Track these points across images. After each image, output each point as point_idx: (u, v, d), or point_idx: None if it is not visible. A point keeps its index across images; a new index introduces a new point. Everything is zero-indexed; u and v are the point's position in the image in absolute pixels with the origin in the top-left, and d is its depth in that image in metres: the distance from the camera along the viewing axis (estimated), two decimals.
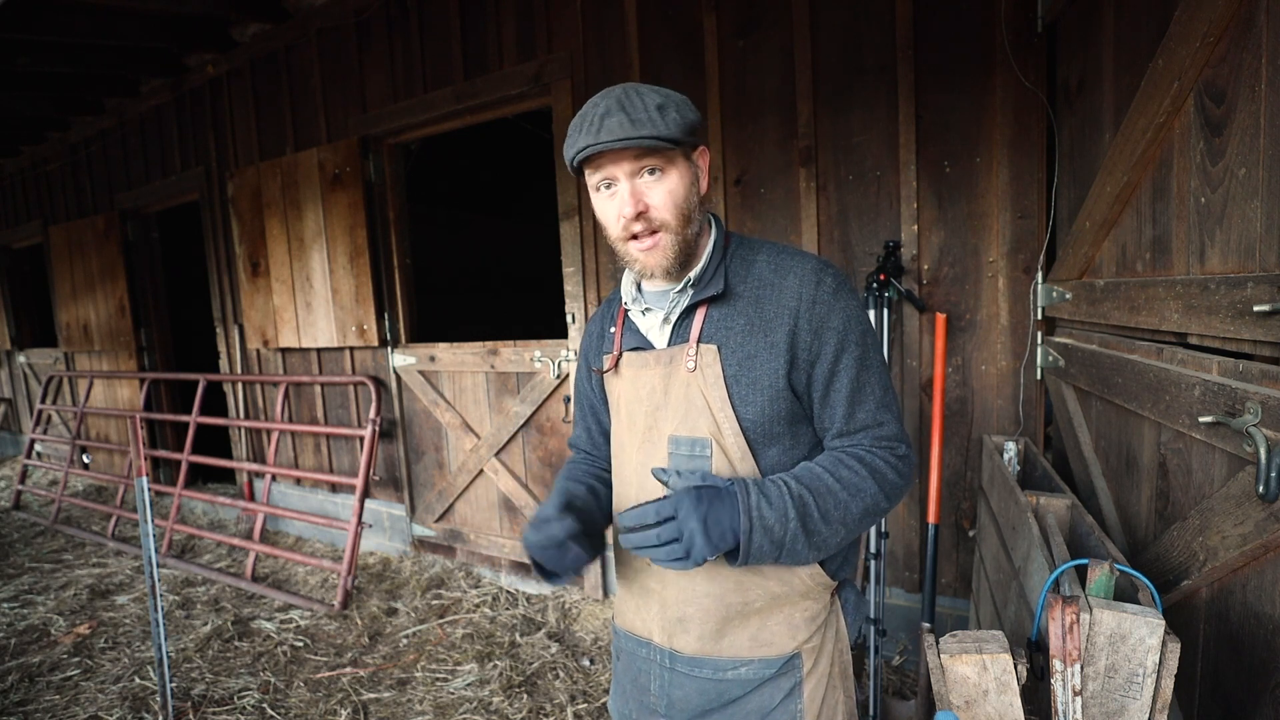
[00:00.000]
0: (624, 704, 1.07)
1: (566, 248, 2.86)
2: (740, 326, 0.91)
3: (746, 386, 0.90)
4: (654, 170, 0.87)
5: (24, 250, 6.27)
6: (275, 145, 3.79)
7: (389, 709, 2.26)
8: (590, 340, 1.14)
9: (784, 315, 0.89)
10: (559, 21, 2.75)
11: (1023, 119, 1.96)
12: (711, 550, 0.79)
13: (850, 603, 1.02)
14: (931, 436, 2.00)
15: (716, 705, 0.94)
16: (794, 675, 0.93)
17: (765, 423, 0.90)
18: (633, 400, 0.99)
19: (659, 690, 0.98)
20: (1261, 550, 0.95)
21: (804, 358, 0.90)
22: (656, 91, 0.87)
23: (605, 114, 0.84)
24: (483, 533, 3.30)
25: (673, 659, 0.96)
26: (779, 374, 0.89)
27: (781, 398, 0.90)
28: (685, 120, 0.87)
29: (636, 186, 0.88)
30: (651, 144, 0.83)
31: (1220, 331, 1.05)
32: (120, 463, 4.99)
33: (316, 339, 3.65)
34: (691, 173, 0.91)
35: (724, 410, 0.90)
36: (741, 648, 0.93)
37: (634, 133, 0.82)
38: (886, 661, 2.25)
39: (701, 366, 0.91)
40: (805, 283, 0.90)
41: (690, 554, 0.79)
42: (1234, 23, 1.01)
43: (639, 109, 0.84)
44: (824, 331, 0.89)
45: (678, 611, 0.94)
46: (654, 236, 0.89)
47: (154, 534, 2.07)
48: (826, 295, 0.90)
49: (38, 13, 3.10)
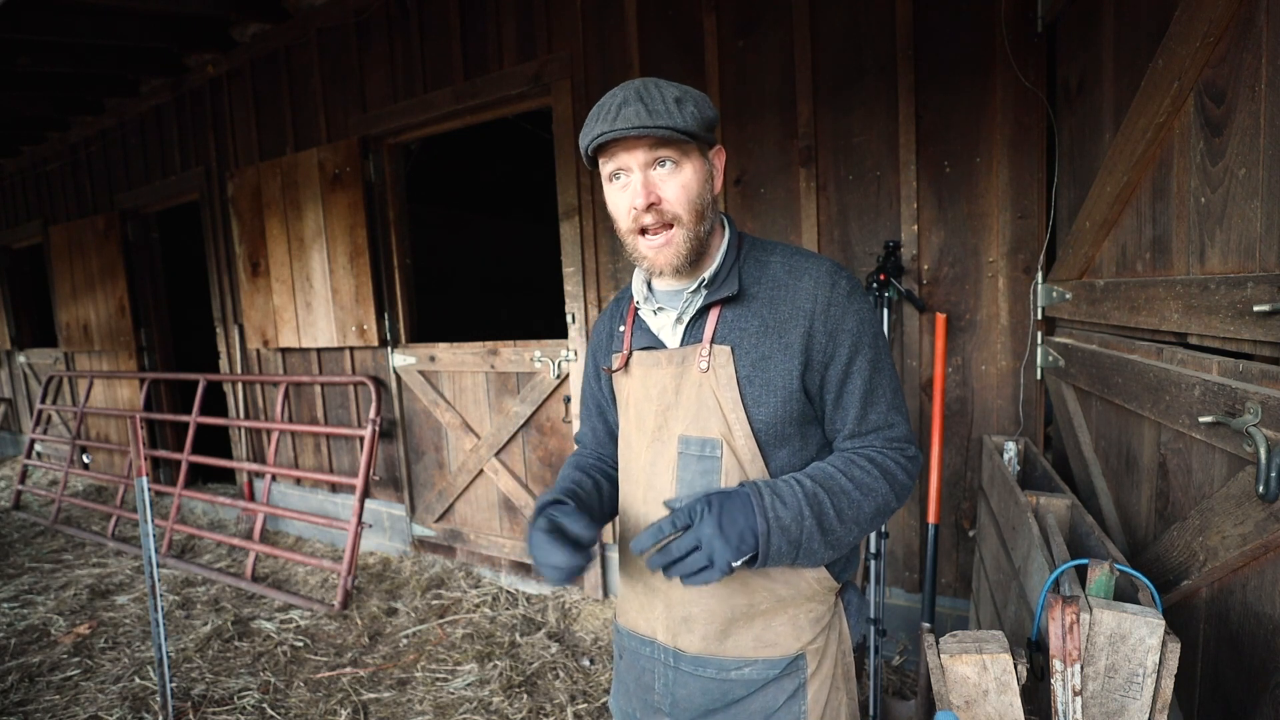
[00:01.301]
0: (627, 702, 1.06)
1: (566, 248, 2.86)
2: (754, 328, 0.91)
3: (760, 388, 0.90)
4: (668, 162, 0.86)
5: (24, 250, 6.27)
6: (275, 145, 3.79)
7: (389, 709, 2.26)
8: (599, 339, 1.13)
9: (799, 317, 0.90)
10: (559, 21, 2.75)
11: (1023, 119, 1.96)
12: (734, 554, 0.77)
13: (853, 604, 1.02)
14: (931, 436, 1.99)
15: (720, 705, 0.94)
16: (798, 676, 0.93)
17: (777, 424, 0.90)
18: (643, 399, 0.99)
19: (663, 689, 0.98)
20: (1261, 550, 0.95)
21: (818, 360, 0.90)
22: (676, 86, 0.87)
23: (623, 103, 0.84)
24: (483, 533, 3.30)
25: (677, 658, 0.96)
26: (793, 375, 0.89)
27: (794, 399, 0.90)
28: (703, 116, 0.87)
29: (650, 178, 0.87)
30: (666, 134, 0.83)
31: (1220, 331, 1.05)
32: (120, 463, 4.99)
33: (316, 339, 3.65)
34: (706, 170, 0.91)
35: (736, 411, 0.90)
36: (746, 648, 0.92)
37: (650, 122, 0.82)
38: (886, 661, 2.25)
39: (715, 367, 0.91)
40: (820, 285, 0.90)
41: (713, 562, 0.77)
42: (1234, 23, 1.01)
43: (657, 100, 0.84)
44: (839, 334, 0.89)
45: (683, 611, 0.94)
46: (666, 232, 0.89)
47: (154, 534, 2.07)
48: (841, 298, 0.90)
49: (38, 13, 3.10)
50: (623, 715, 1.08)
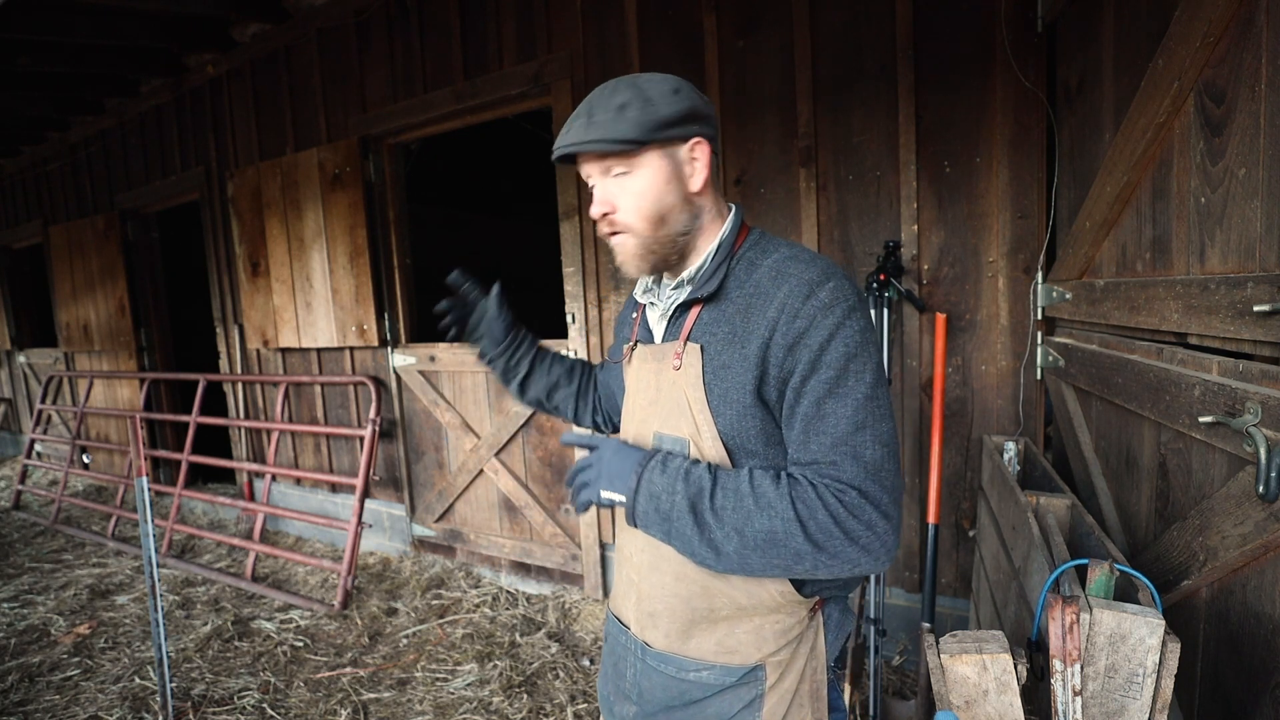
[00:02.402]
0: (604, 685, 1.08)
1: (566, 248, 2.86)
2: (722, 334, 0.86)
3: (719, 398, 0.86)
4: (620, 172, 0.86)
5: (24, 250, 6.27)
6: (275, 145, 3.79)
7: (389, 709, 2.26)
8: (620, 325, 1.18)
9: (762, 326, 0.82)
10: (559, 21, 2.75)
11: (1023, 119, 1.96)
12: (606, 486, 0.88)
13: (833, 619, 0.96)
14: (931, 436, 1.99)
15: (679, 704, 0.94)
16: (756, 687, 0.90)
17: (737, 436, 0.86)
18: (635, 392, 1.00)
19: (632, 678, 0.99)
20: (1261, 550, 0.95)
21: (775, 374, 0.82)
22: (633, 86, 0.84)
23: (575, 116, 0.85)
24: (483, 533, 3.30)
25: (644, 651, 0.96)
26: (747, 389, 0.83)
27: (750, 414, 0.84)
28: (650, 118, 0.82)
29: (607, 188, 0.88)
30: (599, 148, 0.82)
31: (1220, 331, 1.05)
32: (120, 463, 4.99)
33: (316, 339, 3.65)
34: (669, 169, 0.85)
35: (703, 414, 0.87)
36: (706, 651, 0.91)
37: (584, 136, 0.83)
38: (886, 661, 2.25)
39: (686, 366, 0.89)
40: (794, 294, 0.81)
41: (590, 485, 0.90)
42: (1234, 23, 1.01)
43: (602, 110, 0.83)
44: (798, 348, 0.79)
45: (649, 606, 0.95)
46: (619, 237, 0.90)
47: (154, 534, 2.07)
48: (814, 309, 0.79)
49: (38, 13, 3.10)
50: (602, 698, 1.10)
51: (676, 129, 0.84)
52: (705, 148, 0.88)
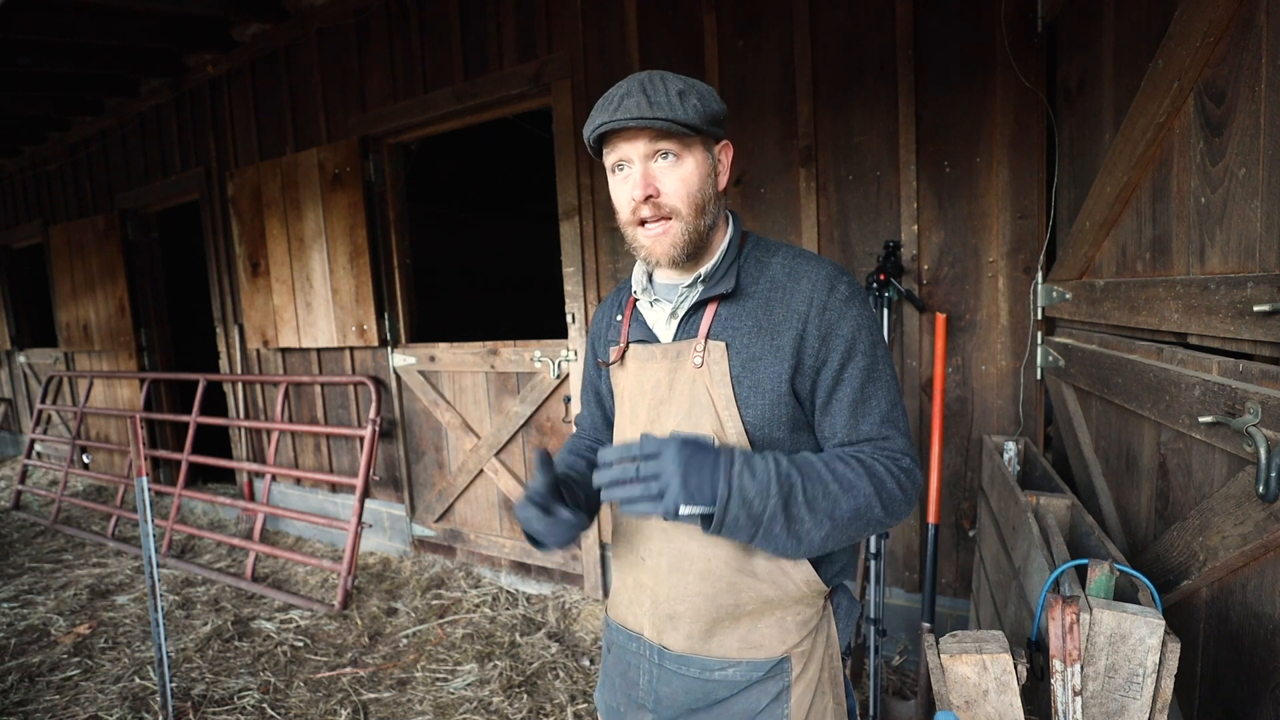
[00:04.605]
0: (611, 696, 1.06)
1: (566, 248, 2.86)
2: (748, 327, 0.90)
3: (749, 389, 0.89)
4: (669, 155, 0.86)
5: (24, 250, 6.27)
6: (275, 145, 3.79)
7: (389, 709, 2.26)
8: (598, 327, 1.13)
9: (793, 319, 0.88)
10: (559, 21, 2.75)
11: (1023, 119, 1.96)
12: (686, 499, 0.75)
13: (843, 608, 1.01)
14: (931, 436, 1.99)
15: (703, 705, 0.94)
16: (782, 679, 0.91)
17: (765, 426, 0.89)
18: (636, 394, 0.98)
19: (647, 686, 0.98)
20: (1261, 550, 0.95)
21: (809, 364, 0.88)
22: (681, 79, 0.87)
23: (626, 94, 0.84)
24: (483, 533, 3.30)
25: (661, 655, 0.95)
26: (782, 378, 0.88)
27: (783, 403, 0.89)
28: (707, 109, 0.86)
29: (649, 170, 0.87)
30: (665, 126, 0.83)
31: (1220, 331, 1.05)
32: (120, 463, 4.99)
33: (316, 339, 3.65)
34: (709, 164, 0.90)
35: (729, 409, 0.89)
36: (730, 649, 0.92)
37: (649, 113, 0.82)
38: (886, 661, 2.25)
39: (709, 363, 0.90)
40: (818, 288, 0.88)
41: (663, 496, 0.75)
42: (1234, 23, 1.01)
43: (659, 92, 0.84)
44: (832, 338, 0.87)
45: (668, 608, 0.94)
46: (664, 223, 0.89)
47: (154, 534, 2.07)
48: (838, 302, 0.88)
49: (38, 13, 3.10)
50: (607, 709, 1.07)
51: (719, 127, 0.90)
52: (730, 151, 0.95)
